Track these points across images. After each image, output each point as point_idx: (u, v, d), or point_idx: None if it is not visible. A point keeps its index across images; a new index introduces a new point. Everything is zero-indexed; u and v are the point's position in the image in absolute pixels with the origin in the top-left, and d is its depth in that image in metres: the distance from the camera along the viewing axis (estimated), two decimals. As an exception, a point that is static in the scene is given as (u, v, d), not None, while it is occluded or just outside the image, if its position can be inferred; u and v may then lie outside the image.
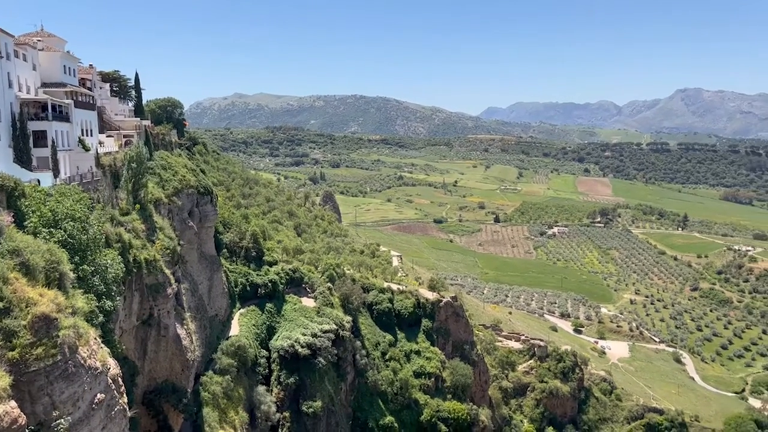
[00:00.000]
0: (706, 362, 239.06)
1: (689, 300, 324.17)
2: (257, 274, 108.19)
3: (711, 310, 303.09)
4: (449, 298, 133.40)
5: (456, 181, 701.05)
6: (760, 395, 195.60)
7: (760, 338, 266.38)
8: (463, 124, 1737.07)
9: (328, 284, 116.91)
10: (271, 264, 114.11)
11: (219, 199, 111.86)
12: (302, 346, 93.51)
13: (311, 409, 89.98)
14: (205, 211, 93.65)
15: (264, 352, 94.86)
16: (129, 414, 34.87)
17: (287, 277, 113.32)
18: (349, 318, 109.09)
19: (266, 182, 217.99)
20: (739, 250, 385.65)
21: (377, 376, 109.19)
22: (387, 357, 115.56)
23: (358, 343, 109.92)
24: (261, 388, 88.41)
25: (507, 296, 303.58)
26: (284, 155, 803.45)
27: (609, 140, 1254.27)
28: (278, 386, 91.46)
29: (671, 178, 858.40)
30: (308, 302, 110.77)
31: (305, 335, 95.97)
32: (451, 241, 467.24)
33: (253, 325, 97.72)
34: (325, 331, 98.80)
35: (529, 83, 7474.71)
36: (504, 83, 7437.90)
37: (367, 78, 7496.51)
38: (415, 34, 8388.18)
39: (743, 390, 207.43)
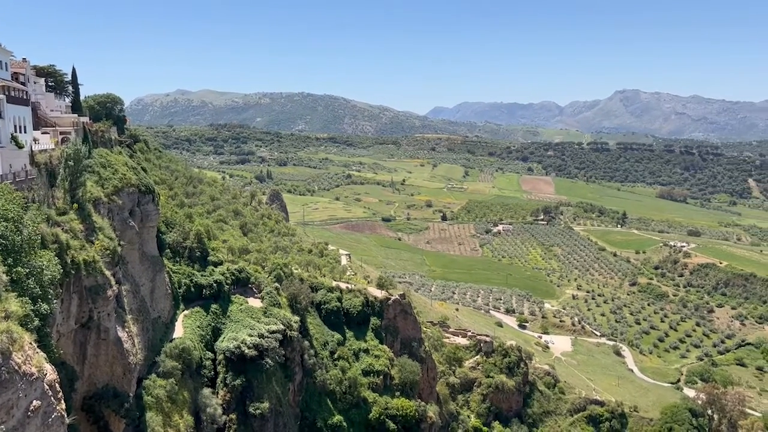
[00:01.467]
0: (644, 354, 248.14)
1: (628, 294, 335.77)
2: (202, 275, 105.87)
3: (648, 304, 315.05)
4: (397, 296, 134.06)
5: (404, 180, 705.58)
6: (694, 385, 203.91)
7: (694, 330, 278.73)
8: (410, 123, 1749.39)
9: (276, 284, 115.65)
10: (216, 264, 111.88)
11: (161, 198, 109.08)
12: (249, 347, 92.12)
13: (258, 411, 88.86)
14: (147, 210, 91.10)
15: (209, 354, 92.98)
16: (68, 421, 33.65)
17: (233, 277, 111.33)
18: (296, 318, 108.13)
19: (211, 181, 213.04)
20: (674, 246, 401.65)
21: (325, 376, 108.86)
22: (335, 356, 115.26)
23: (306, 342, 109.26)
24: (206, 391, 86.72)
25: (454, 293, 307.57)
26: (229, 153, 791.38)
27: (551, 140, 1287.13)
28: (224, 388, 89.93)
29: (610, 176, 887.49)
30: (255, 303, 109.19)
31: (252, 336, 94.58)
32: (399, 239, 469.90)
33: (198, 326, 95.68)
34: (273, 332, 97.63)
35: (475, 83, 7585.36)
36: (450, 83, 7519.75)
37: (315, 76, 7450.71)
38: (363, 32, 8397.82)
39: (678, 380, 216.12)
